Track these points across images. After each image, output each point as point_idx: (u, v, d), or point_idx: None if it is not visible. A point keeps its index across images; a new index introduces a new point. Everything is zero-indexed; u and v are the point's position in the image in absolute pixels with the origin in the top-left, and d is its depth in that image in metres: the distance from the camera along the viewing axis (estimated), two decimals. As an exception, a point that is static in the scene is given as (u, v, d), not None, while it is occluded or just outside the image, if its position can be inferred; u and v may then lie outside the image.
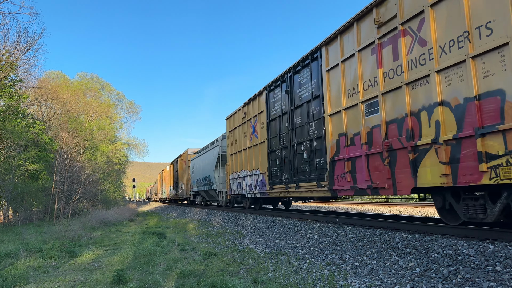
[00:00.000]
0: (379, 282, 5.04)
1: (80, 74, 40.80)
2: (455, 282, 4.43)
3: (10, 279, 6.00)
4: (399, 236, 6.57)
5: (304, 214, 12.00)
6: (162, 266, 6.97)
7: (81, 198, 19.32)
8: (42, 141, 17.19)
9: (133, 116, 45.52)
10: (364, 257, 6.30)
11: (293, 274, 5.83)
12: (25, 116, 17.61)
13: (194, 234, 12.23)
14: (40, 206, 18.24)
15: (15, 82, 15.30)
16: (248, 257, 7.54)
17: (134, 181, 77.74)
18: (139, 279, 5.90)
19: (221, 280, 5.29)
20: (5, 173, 14.31)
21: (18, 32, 21.18)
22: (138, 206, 49.06)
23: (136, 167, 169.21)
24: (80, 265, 7.44)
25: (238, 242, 9.64)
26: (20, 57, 15.26)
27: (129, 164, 50.00)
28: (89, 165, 22.31)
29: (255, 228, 11.63)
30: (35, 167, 15.98)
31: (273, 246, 8.56)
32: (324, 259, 6.77)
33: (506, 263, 4.39)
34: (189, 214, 22.24)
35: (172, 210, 29.14)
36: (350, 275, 5.56)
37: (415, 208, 16.64)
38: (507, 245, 4.92)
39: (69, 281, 6.09)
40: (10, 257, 7.88)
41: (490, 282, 4.14)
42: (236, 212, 16.42)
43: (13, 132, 14.44)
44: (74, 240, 10.27)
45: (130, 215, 22.92)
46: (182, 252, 8.56)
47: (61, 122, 23.10)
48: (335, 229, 8.37)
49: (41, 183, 17.04)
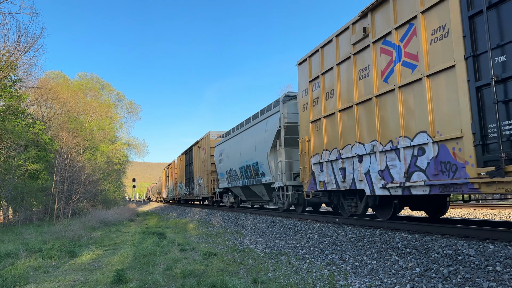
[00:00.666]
0: (379, 282, 5.04)
1: (80, 74, 40.84)
2: (455, 282, 4.42)
3: (10, 279, 6.00)
4: (399, 236, 6.57)
5: (304, 214, 11.99)
6: (162, 266, 6.97)
7: (81, 198, 19.32)
8: (42, 141, 17.19)
9: (133, 116, 45.53)
10: (364, 257, 6.30)
11: (293, 274, 5.83)
12: (25, 116, 17.62)
13: (194, 234, 12.23)
14: (40, 206, 18.25)
15: (15, 82, 15.31)
16: (248, 257, 7.54)
17: (134, 181, 77.76)
18: (139, 279, 5.90)
19: (221, 280, 5.29)
20: (5, 173, 14.31)
21: (18, 32, 21.17)
22: (138, 206, 49.06)
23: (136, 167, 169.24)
24: (80, 265, 7.43)
25: (238, 242, 9.64)
26: (20, 57, 15.27)
27: (129, 164, 49.98)
28: (89, 165, 22.32)
29: (255, 228, 11.63)
30: (35, 167, 15.98)
31: (273, 246, 8.56)
32: (324, 259, 6.77)
33: (506, 263, 4.39)
34: (189, 214, 22.24)
35: (172, 210, 29.13)
36: (350, 275, 5.56)
37: (415, 208, 16.61)
38: (507, 245, 4.92)
39: (69, 281, 6.09)
40: (10, 257, 7.88)
41: (490, 282, 4.14)
42: (236, 212, 16.41)
43: (13, 132, 14.43)
44: (74, 240, 10.27)
45: (130, 215, 22.93)
46: (182, 252, 8.56)
47: (61, 122, 23.11)
48: (335, 229, 8.36)
49: (41, 183, 17.04)
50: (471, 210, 14.14)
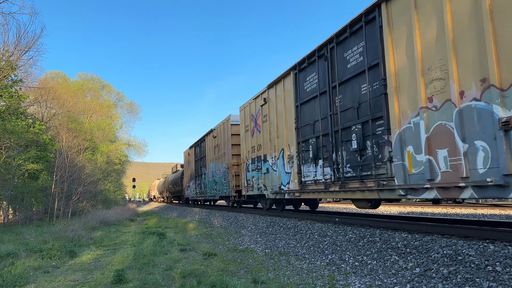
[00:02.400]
0: (379, 282, 5.04)
1: (80, 74, 40.87)
2: (455, 282, 4.42)
3: (10, 279, 6.00)
4: (399, 236, 6.57)
5: (304, 214, 12.00)
6: (162, 266, 6.97)
7: (81, 198, 19.33)
8: (42, 141, 17.19)
9: (133, 116, 45.59)
10: (364, 257, 6.30)
11: (293, 274, 5.83)
12: (25, 116, 17.61)
13: (194, 234, 12.23)
14: (40, 206, 18.25)
15: (15, 82, 15.30)
16: (248, 257, 7.54)
17: (134, 181, 77.80)
18: (139, 279, 5.90)
19: (221, 280, 5.29)
20: (5, 173, 14.31)
21: (18, 32, 21.16)
22: (138, 206, 49.07)
23: (136, 167, 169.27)
24: (80, 265, 7.43)
25: (238, 242, 9.64)
26: (20, 57, 15.27)
27: (129, 164, 50.00)
28: (89, 165, 22.33)
29: (255, 228, 11.63)
30: (35, 167, 15.99)
31: (273, 246, 8.56)
32: (324, 259, 6.77)
33: (506, 263, 4.39)
34: (189, 214, 22.23)
35: (172, 210, 29.13)
36: (350, 275, 5.56)
37: (415, 208, 16.63)
38: (507, 245, 4.92)
39: (69, 281, 6.09)
40: (10, 257, 7.88)
41: (490, 282, 4.14)
42: (236, 212, 16.42)
43: (13, 132, 14.44)
44: (74, 240, 10.27)
45: (130, 215, 22.92)
46: (182, 252, 8.56)
47: (61, 122, 23.09)
48: (335, 229, 8.36)
49: (41, 183, 17.04)
50: (471, 210, 14.14)
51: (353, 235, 7.52)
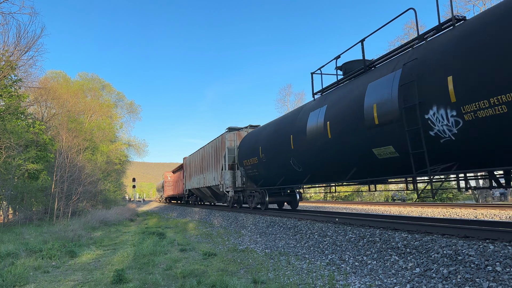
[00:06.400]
0: (379, 282, 5.04)
1: (80, 74, 40.89)
2: (455, 282, 4.42)
3: (10, 279, 5.99)
4: (399, 236, 6.57)
5: (304, 214, 12.00)
6: (162, 266, 6.97)
7: (81, 198, 19.31)
8: (42, 141, 17.18)
9: (133, 116, 45.61)
10: (364, 257, 6.30)
11: (293, 274, 5.83)
12: (25, 116, 17.61)
13: (194, 234, 12.23)
14: (40, 206, 18.23)
15: (15, 82, 15.30)
16: (248, 257, 7.54)
17: (134, 181, 77.72)
18: (139, 279, 5.90)
19: (221, 280, 5.29)
20: (5, 173, 14.30)
21: (18, 32, 21.11)
22: (138, 206, 49.05)
23: (136, 167, 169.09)
24: (80, 265, 7.43)
25: (238, 242, 9.64)
26: (20, 57, 15.26)
27: (129, 164, 50.01)
28: (89, 165, 22.31)
29: (255, 228, 11.63)
30: (35, 167, 15.97)
31: (273, 246, 8.56)
32: (324, 259, 6.77)
33: (506, 263, 4.39)
34: (189, 214, 22.24)
35: (172, 210, 29.13)
36: (350, 275, 5.56)
37: (415, 208, 16.63)
38: (507, 245, 4.92)
39: (69, 281, 6.09)
40: (10, 257, 7.88)
41: (490, 282, 4.14)
42: (236, 212, 16.42)
43: (13, 132, 14.42)
44: (74, 240, 10.27)
45: (130, 215, 22.93)
46: (182, 252, 8.56)
47: (61, 122, 23.07)
48: (335, 229, 8.36)
49: (41, 183, 17.02)
50: (471, 210, 14.13)
51: (353, 235, 7.52)
